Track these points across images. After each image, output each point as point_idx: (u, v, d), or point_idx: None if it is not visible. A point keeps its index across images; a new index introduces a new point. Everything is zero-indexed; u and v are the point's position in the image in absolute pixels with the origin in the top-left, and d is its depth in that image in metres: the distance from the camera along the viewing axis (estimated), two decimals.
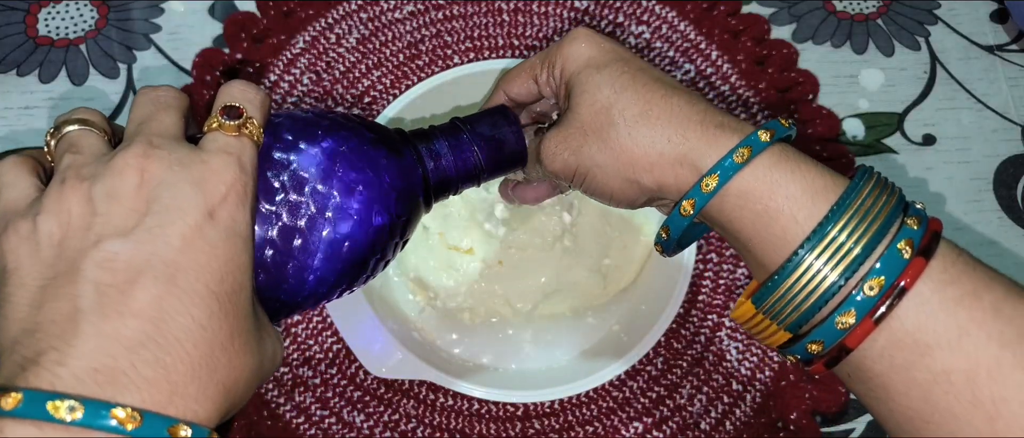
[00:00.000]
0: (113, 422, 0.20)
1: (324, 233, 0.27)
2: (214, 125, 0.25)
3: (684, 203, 0.28)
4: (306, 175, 0.27)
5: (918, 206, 0.27)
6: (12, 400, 0.20)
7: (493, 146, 0.33)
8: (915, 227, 0.25)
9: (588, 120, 0.31)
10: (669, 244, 0.31)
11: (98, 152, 0.25)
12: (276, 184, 0.26)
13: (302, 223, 0.27)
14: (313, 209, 0.27)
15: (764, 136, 0.27)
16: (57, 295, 0.22)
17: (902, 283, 0.24)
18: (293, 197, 0.27)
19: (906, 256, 0.24)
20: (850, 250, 0.25)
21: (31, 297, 0.22)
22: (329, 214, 0.27)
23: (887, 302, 0.24)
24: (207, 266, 0.23)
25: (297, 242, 0.27)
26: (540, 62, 0.34)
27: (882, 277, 0.24)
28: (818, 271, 0.25)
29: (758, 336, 0.28)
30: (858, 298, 0.25)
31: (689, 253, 0.44)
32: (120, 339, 0.21)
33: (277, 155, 0.27)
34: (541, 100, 0.36)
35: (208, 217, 0.23)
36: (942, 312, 0.24)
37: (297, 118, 0.28)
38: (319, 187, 0.27)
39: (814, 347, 0.26)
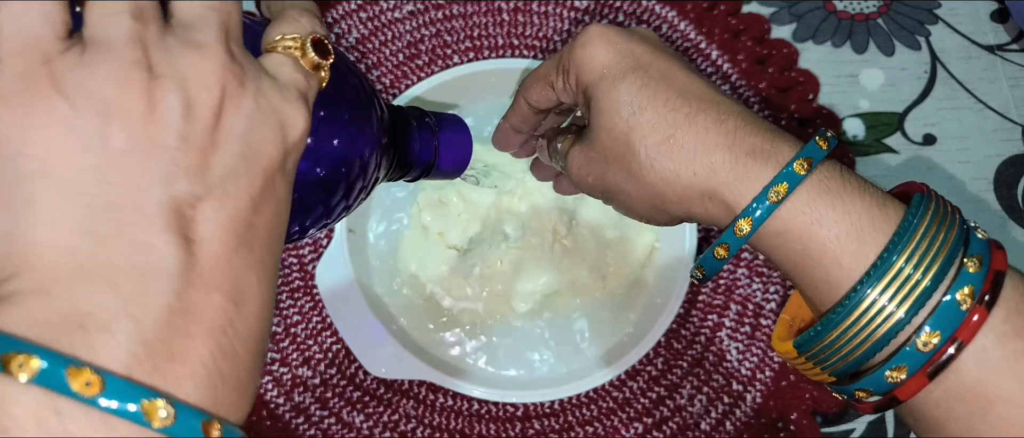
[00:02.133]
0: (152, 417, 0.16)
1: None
2: (296, 51, 0.20)
3: (718, 248, 0.26)
4: None
5: (980, 235, 0.25)
6: (86, 378, 0.15)
7: (448, 150, 0.32)
8: (977, 270, 0.23)
9: (608, 146, 0.28)
10: (705, 280, 0.29)
11: (159, 31, 0.18)
12: None
13: None
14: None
15: (801, 168, 0.25)
16: (119, 235, 0.16)
17: (959, 340, 0.22)
18: None
19: (964, 307, 0.22)
20: (892, 313, 0.23)
21: (76, 220, 0.16)
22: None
23: (942, 357, 0.22)
24: (276, 230, 0.19)
25: None
26: (554, 68, 0.31)
27: (938, 332, 0.22)
28: (863, 327, 0.23)
29: (804, 372, 0.27)
30: (910, 351, 0.23)
31: (689, 253, 0.44)
32: (201, 317, 0.17)
33: None
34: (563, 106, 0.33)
35: (281, 170, 0.19)
36: (1005, 367, 0.22)
37: None
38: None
39: (861, 394, 0.24)
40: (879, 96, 0.54)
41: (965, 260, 0.23)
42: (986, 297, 0.23)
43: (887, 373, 0.23)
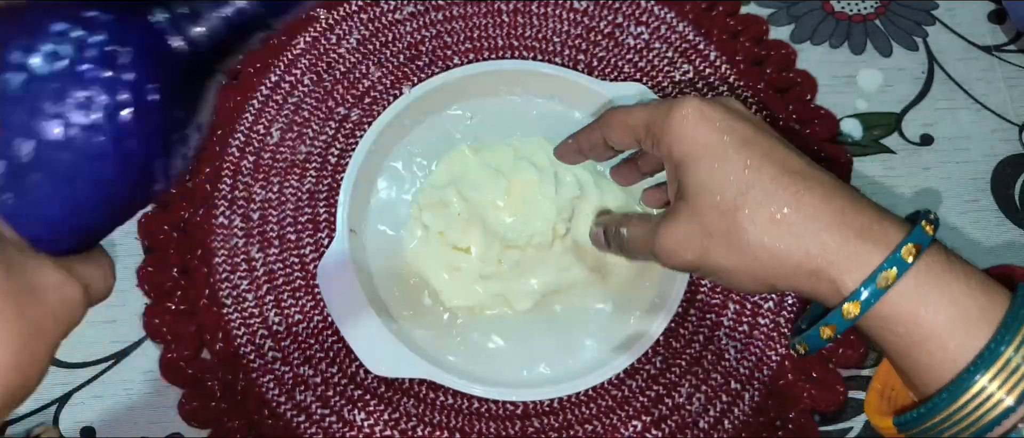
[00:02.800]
0: None
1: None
2: None
3: (824, 328, 0.27)
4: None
5: None
6: None
7: None
8: None
9: (711, 221, 0.28)
10: (805, 356, 0.30)
11: None
12: None
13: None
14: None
15: (909, 255, 0.25)
16: None
17: None
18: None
19: None
20: (1001, 400, 0.23)
21: None
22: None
23: None
24: None
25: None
26: (643, 128, 0.31)
27: None
28: (970, 413, 0.24)
29: None
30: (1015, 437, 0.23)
31: None
32: None
33: None
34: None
35: None
36: None
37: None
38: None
39: None
40: (877, 96, 0.55)
41: None
42: None
43: None
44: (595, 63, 0.54)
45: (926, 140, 0.54)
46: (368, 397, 0.46)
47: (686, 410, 0.46)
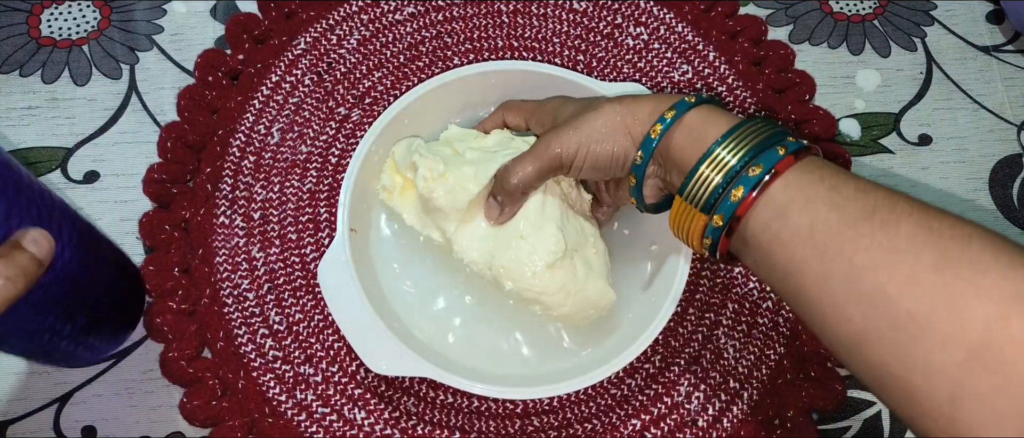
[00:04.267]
0: None
1: None
2: None
3: (637, 154, 0.38)
4: None
5: (804, 143, 0.35)
6: None
7: None
8: (793, 142, 0.34)
9: (581, 112, 0.40)
10: (638, 193, 0.39)
11: None
12: None
13: None
14: None
15: (690, 100, 0.37)
16: None
17: (774, 170, 0.33)
18: None
19: (780, 154, 0.33)
20: (743, 147, 0.34)
21: None
22: None
23: (767, 177, 0.33)
24: None
25: None
26: (529, 112, 0.45)
27: (761, 164, 0.33)
28: (722, 159, 0.34)
29: (684, 230, 0.37)
30: (744, 177, 0.34)
31: (686, 252, 0.44)
32: None
33: None
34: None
35: None
36: (798, 189, 0.33)
37: None
38: None
39: (717, 220, 0.34)
40: (875, 97, 0.55)
41: (788, 138, 0.35)
42: (797, 154, 0.34)
43: (731, 192, 0.34)
44: (594, 64, 0.54)
45: (924, 140, 0.54)
46: (368, 396, 0.46)
47: (685, 409, 0.46)
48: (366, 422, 0.45)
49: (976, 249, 0.28)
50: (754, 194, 0.33)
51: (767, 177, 0.33)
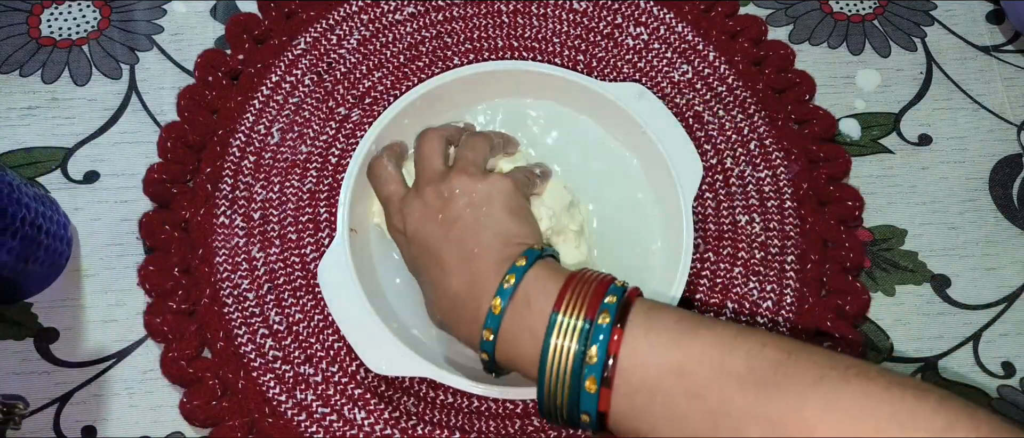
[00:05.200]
0: None
1: None
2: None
3: (482, 354, 0.36)
4: None
5: (618, 283, 0.34)
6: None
7: None
8: (612, 302, 0.33)
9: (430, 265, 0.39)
10: (489, 366, 0.37)
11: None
12: None
13: None
14: None
15: (507, 283, 0.35)
16: None
17: (612, 353, 0.31)
18: None
19: (606, 326, 0.32)
20: (569, 348, 0.32)
21: None
22: None
23: (608, 364, 0.31)
24: None
25: None
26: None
27: (595, 345, 0.32)
28: (557, 365, 0.32)
29: None
30: (591, 366, 0.31)
31: (686, 251, 0.44)
32: None
33: None
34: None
35: None
36: (646, 357, 0.31)
37: None
38: None
39: (585, 417, 0.32)
40: (875, 97, 0.55)
41: (598, 319, 0.32)
42: (618, 323, 0.32)
43: (585, 385, 0.32)
44: (594, 64, 0.54)
45: (924, 140, 0.54)
46: (368, 396, 0.46)
47: None
48: (366, 422, 0.45)
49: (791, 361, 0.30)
50: (607, 386, 0.31)
51: (609, 363, 0.31)
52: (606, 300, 0.33)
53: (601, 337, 0.32)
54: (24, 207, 0.43)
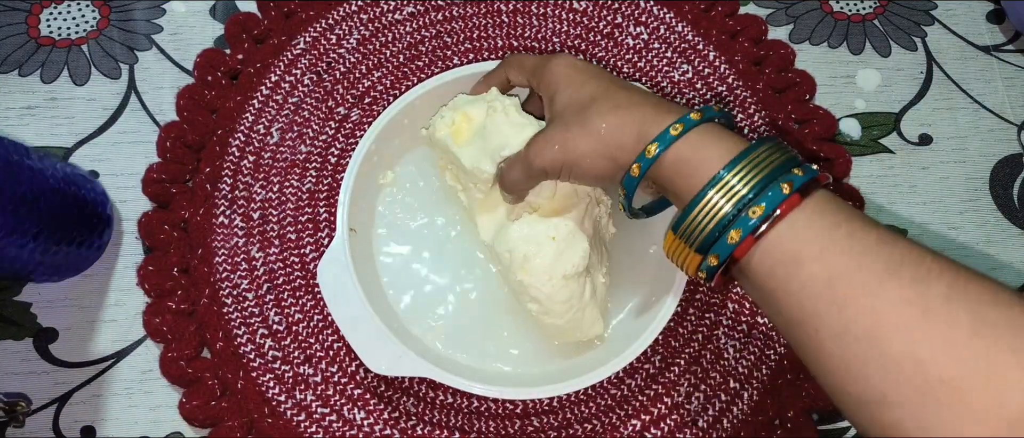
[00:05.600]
0: None
1: None
2: None
3: (632, 166, 0.35)
4: None
5: (814, 167, 0.33)
6: None
7: None
8: (800, 175, 0.32)
9: (570, 120, 0.38)
10: (628, 204, 0.38)
11: None
12: None
13: None
14: None
15: (695, 116, 0.35)
16: None
17: (778, 211, 0.31)
18: None
19: (785, 192, 0.31)
20: (739, 190, 0.32)
21: None
22: None
23: (765, 225, 0.31)
24: None
25: None
26: (531, 71, 0.42)
27: (763, 205, 0.31)
28: (715, 204, 0.32)
29: (679, 262, 0.35)
30: (743, 219, 0.31)
31: None
32: None
33: None
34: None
35: None
36: (811, 235, 0.30)
37: None
38: None
39: (712, 260, 0.33)
40: (875, 96, 0.55)
41: (795, 169, 0.32)
42: (804, 191, 0.31)
43: (729, 234, 0.32)
44: (594, 63, 0.54)
45: (925, 140, 0.54)
46: (368, 396, 0.46)
47: (685, 409, 0.46)
48: (366, 422, 0.45)
49: (1017, 314, 0.26)
50: (754, 237, 0.31)
51: (766, 223, 0.31)
52: (794, 171, 0.32)
53: (770, 194, 0.31)
54: (49, 190, 0.43)
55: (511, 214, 0.44)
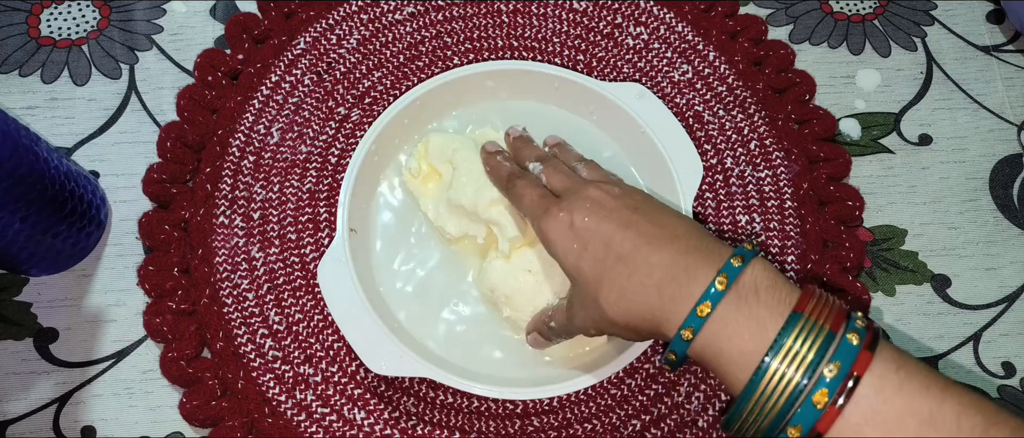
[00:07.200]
0: None
1: None
2: None
3: (669, 353, 0.34)
4: None
5: (858, 318, 0.31)
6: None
7: None
8: (855, 342, 0.29)
9: (587, 302, 0.36)
10: (674, 369, 0.36)
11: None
12: None
13: None
14: None
15: (720, 285, 0.32)
16: None
17: (854, 373, 0.28)
18: None
19: (854, 343, 0.29)
20: (791, 378, 0.29)
21: None
22: None
23: (847, 385, 0.28)
24: None
25: None
26: (530, 215, 0.40)
27: (825, 389, 0.28)
28: (770, 394, 0.29)
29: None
30: (804, 409, 0.29)
31: None
32: None
33: None
34: None
35: None
36: (881, 415, 0.28)
37: None
38: None
39: (793, 432, 0.29)
40: (875, 96, 0.55)
41: (847, 335, 0.29)
42: (867, 348, 0.29)
43: (789, 430, 0.29)
44: (594, 64, 0.54)
45: (924, 140, 0.54)
46: (368, 396, 0.46)
47: (685, 409, 0.46)
48: (366, 422, 0.45)
49: None
50: (841, 402, 0.28)
51: (849, 381, 0.28)
52: (849, 338, 0.29)
53: (845, 353, 0.28)
54: (48, 179, 0.43)
55: (485, 251, 0.45)
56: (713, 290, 0.32)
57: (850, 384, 0.28)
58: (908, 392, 0.28)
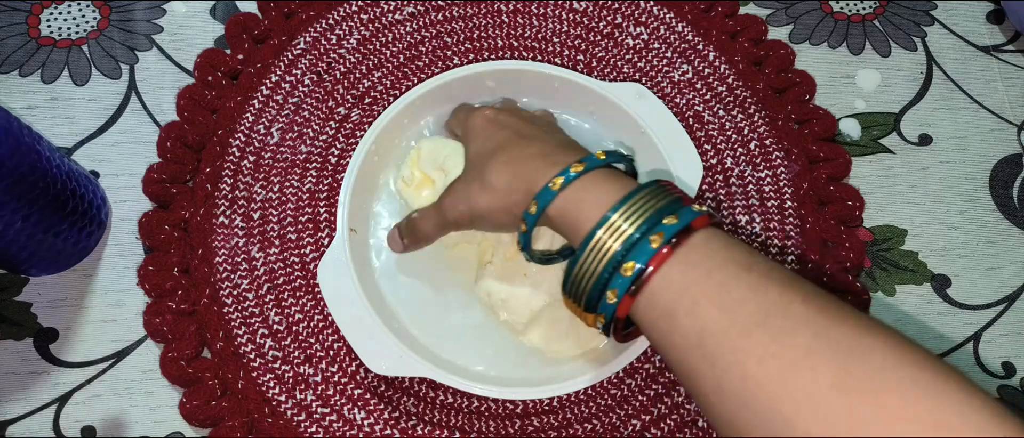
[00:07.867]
0: None
1: None
2: None
3: (521, 223, 0.37)
4: None
5: (697, 209, 0.33)
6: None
7: None
8: (673, 223, 0.32)
9: (473, 175, 0.40)
10: (527, 255, 0.39)
11: None
12: None
13: None
14: None
15: (576, 168, 0.36)
16: None
17: (650, 268, 0.31)
18: None
19: (654, 246, 0.31)
20: (612, 247, 0.32)
21: None
22: None
23: (635, 285, 0.31)
24: None
25: None
26: (456, 121, 0.46)
27: (634, 262, 0.31)
28: (591, 262, 0.33)
29: (584, 321, 0.35)
30: (619, 278, 0.32)
31: None
32: None
33: None
34: None
35: None
36: (684, 289, 0.30)
37: None
38: None
39: (600, 319, 0.33)
40: (875, 96, 0.55)
41: (664, 219, 0.32)
42: (674, 241, 0.31)
43: (607, 294, 0.32)
44: (594, 64, 0.54)
45: (924, 140, 0.54)
46: (368, 396, 0.46)
47: (685, 409, 0.46)
48: (366, 422, 0.45)
49: (878, 364, 0.26)
50: (630, 296, 0.31)
51: (636, 282, 0.31)
52: (665, 221, 0.32)
53: (642, 253, 0.31)
54: (49, 178, 0.43)
55: (482, 258, 0.46)
56: (569, 171, 0.36)
57: (636, 284, 0.31)
58: (716, 266, 0.30)
